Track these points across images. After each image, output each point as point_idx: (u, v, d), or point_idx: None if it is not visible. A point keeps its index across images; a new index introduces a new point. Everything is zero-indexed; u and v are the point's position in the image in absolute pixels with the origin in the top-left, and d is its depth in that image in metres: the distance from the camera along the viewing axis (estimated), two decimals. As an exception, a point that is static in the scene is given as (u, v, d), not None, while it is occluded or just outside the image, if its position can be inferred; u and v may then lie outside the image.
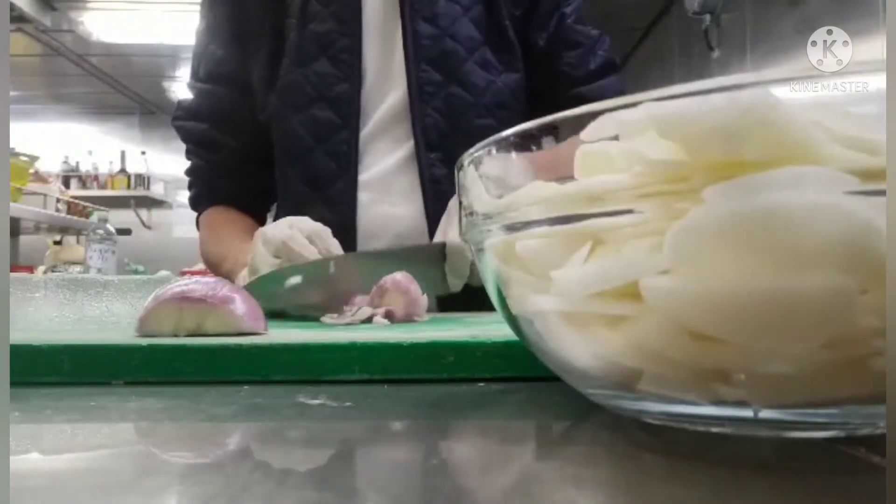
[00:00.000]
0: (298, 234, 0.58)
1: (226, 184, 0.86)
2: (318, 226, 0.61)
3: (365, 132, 0.76)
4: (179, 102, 0.88)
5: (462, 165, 0.26)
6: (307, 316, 0.53)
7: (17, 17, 2.39)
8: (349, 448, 0.23)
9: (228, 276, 0.71)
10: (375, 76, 0.77)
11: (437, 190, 0.75)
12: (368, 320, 0.49)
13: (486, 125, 0.76)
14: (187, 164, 0.88)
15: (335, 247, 0.60)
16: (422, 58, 0.75)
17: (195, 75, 0.86)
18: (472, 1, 0.78)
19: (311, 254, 0.57)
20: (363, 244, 0.76)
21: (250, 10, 0.80)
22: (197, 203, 0.88)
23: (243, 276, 0.64)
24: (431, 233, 0.74)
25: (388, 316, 0.49)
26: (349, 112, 0.76)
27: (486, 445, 0.24)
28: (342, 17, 0.76)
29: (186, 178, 0.89)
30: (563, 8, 0.82)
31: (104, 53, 3.11)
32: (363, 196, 0.76)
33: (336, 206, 0.75)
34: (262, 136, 0.82)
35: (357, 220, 0.76)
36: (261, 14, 0.80)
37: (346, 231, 0.73)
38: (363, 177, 0.76)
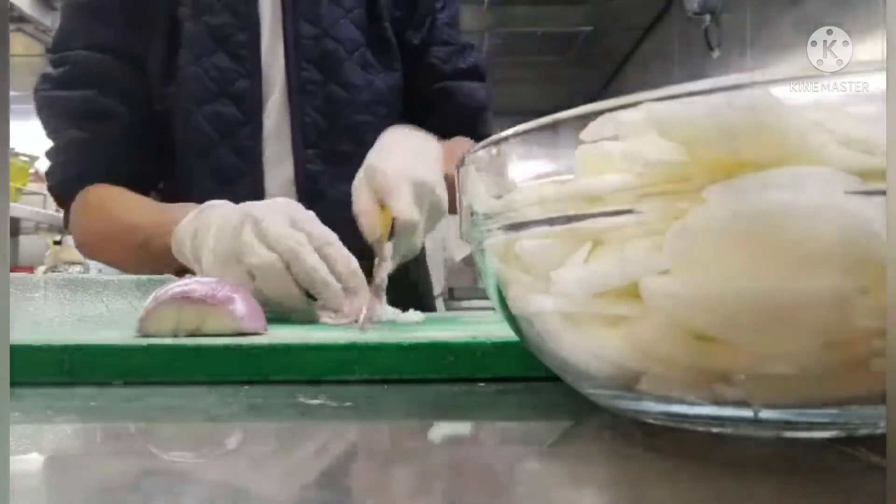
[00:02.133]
0: (307, 244, 0.52)
1: (112, 160, 0.76)
2: (327, 233, 0.55)
3: (268, 128, 0.77)
4: (43, 75, 0.77)
5: (462, 165, 0.26)
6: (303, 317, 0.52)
7: (17, 17, 2.39)
8: (349, 448, 0.23)
9: (145, 246, 0.65)
10: (269, 73, 0.77)
11: (312, 189, 0.76)
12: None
13: (365, 122, 0.78)
14: (51, 142, 0.77)
15: (344, 263, 0.53)
16: (302, 57, 0.77)
17: (66, 46, 0.76)
18: (354, 3, 0.80)
19: (322, 271, 0.51)
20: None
21: None
22: (70, 183, 0.76)
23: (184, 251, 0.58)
24: None
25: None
26: (251, 108, 0.76)
27: (486, 445, 0.24)
28: (236, 10, 0.76)
29: (48, 162, 0.78)
30: (438, 13, 0.86)
31: (104, 53, 3.10)
32: (271, 193, 0.76)
33: (244, 201, 0.75)
34: (152, 119, 0.77)
35: None
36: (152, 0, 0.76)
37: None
38: (270, 174, 0.77)
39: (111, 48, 0.76)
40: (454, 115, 0.82)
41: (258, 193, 0.75)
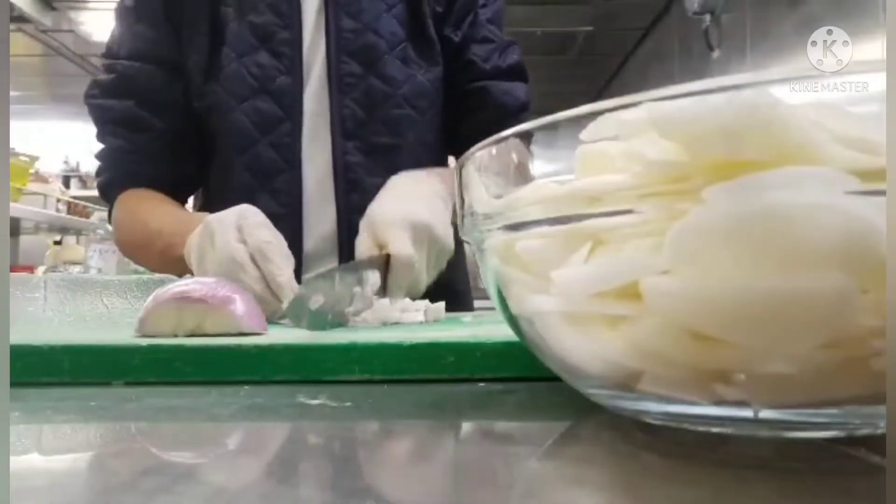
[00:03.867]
0: (246, 258, 0.54)
1: (148, 168, 0.80)
2: (264, 245, 0.55)
3: (306, 122, 0.78)
4: (95, 81, 0.81)
5: (462, 165, 0.26)
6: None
7: (17, 17, 2.39)
8: (349, 448, 0.23)
9: (165, 253, 0.67)
10: (309, 68, 0.79)
11: (350, 178, 0.78)
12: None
13: (404, 115, 0.79)
14: (100, 147, 0.81)
15: (280, 271, 0.54)
16: (343, 50, 0.78)
17: (114, 54, 0.80)
18: (395, 0, 0.81)
19: (252, 280, 0.53)
20: (308, 236, 0.77)
21: None
22: (110, 187, 0.81)
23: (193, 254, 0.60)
24: (339, 219, 0.76)
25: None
26: (291, 105, 0.77)
27: (487, 445, 0.24)
28: (280, 10, 0.78)
29: (97, 163, 0.82)
30: (479, 9, 0.86)
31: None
32: (308, 187, 0.77)
33: (282, 197, 0.76)
34: (191, 122, 0.80)
35: (303, 213, 0.77)
36: (196, 0, 0.79)
37: (292, 223, 0.75)
38: (308, 168, 0.78)
39: (151, 55, 0.79)
40: (492, 115, 0.82)
41: (296, 188, 0.77)
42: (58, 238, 2.93)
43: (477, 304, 0.93)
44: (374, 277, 0.54)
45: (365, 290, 0.52)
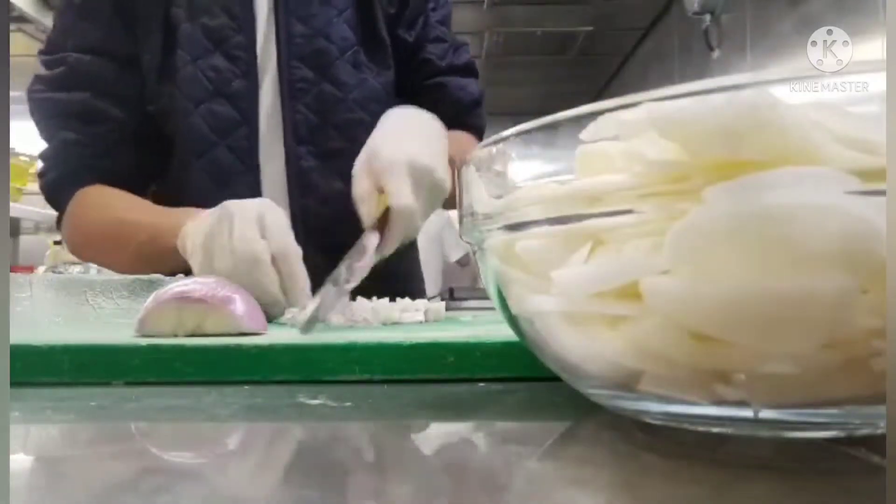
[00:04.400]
0: (266, 256, 0.53)
1: (106, 162, 0.76)
2: (287, 245, 0.54)
3: (262, 127, 0.78)
4: (37, 76, 0.78)
5: (463, 165, 0.26)
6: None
7: (17, 17, 2.39)
8: (349, 448, 0.23)
9: (149, 245, 0.65)
10: (262, 72, 0.78)
11: (304, 183, 0.78)
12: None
13: (357, 119, 0.79)
14: (45, 143, 0.77)
15: (301, 276, 0.53)
16: (294, 55, 0.78)
17: (60, 48, 0.77)
18: (345, 4, 0.81)
19: (273, 289, 0.52)
20: None
21: None
22: (61, 185, 0.76)
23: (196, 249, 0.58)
24: (294, 223, 0.74)
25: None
26: (248, 108, 0.77)
27: (487, 445, 0.24)
28: (233, 13, 0.77)
29: (41, 162, 0.77)
30: (430, 12, 0.87)
31: (104, 53, 3.10)
32: (265, 190, 0.77)
33: (240, 199, 0.75)
34: (146, 118, 0.77)
35: None
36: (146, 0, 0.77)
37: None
38: (265, 171, 0.77)
39: (104, 49, 0.76)
40: (448, 109, 0.82)
41: (254, 192, 0.76)
42: (58, 238, 2.92)
43: (476, 304, 0.93)
44: (368, 239, 0.53)
45: (357, 260, 0.50)
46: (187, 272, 0.59)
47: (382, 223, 0.56)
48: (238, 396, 0.29)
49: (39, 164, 0.79)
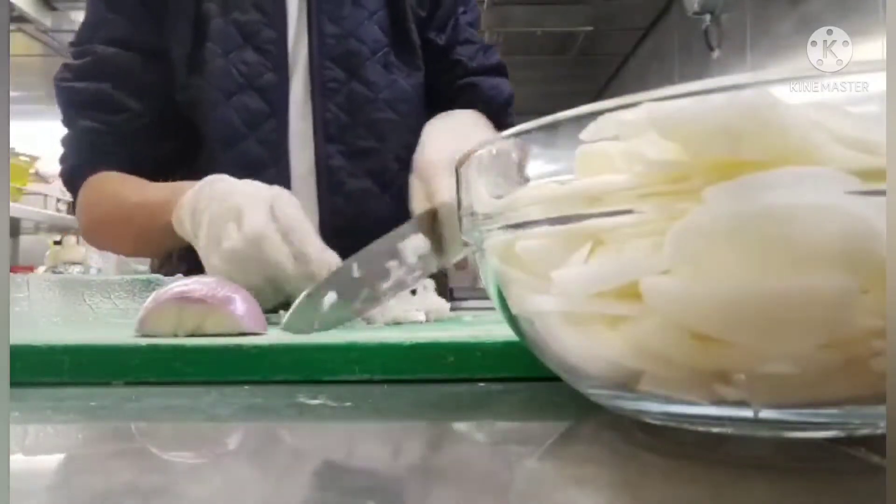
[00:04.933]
0: (275, 235, 0.52)
1: (122, 150, 0.77)
2: (300, 220, 0.53)
3: (293, 123, 0.79)
4: (65, 65, 0.79)
5: (463, 165, 0.26)
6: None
7: (17, 17, 2.39)
8: (349, 448, 0.23)
9: (149, 223, 0.65)
10: (294, 69, 0.79)
11: (333, 181, 0.78)
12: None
13: (386, 119, 0.80)
14: (66, 130, 0.78)
15: (314, 247, 0.52)
16: (326, 55, 0.79)
17: (87, 40, 0.79)
18: (377, 6, 0.82)
19: (283, 255, 0.51)
20: None
21: None
22: (79, 172, 0.77)
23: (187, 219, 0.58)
24: (322, 222, 0.76)
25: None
26: (277, 101, 0.77)
27: (487, 445, 0.24)
28: (264, 9, 0.78)
29: (61, 150, 0.79)
30: (460, 15, 0.89)
31: (104, 53, 3.10)
32: (294, 185, 0.77)
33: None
34: (171, 107, 0.78)
35: None
36: None
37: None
38: (294, 165, 0.78)
39: (129, 42, 0.78)
40: (482, 109, 0.82)
41: (284, 184, 0.76)
42: (58, 238, 2.93)
43: (476, 304, 0.93)
44: (415, 242, 0.50)
45: (405, 259, 0.48)
46: (191, 252, 0.59)
47: (426, 224, 0.52)
48: (238, 396, 0.29)
49: (60, 150, 0.81)
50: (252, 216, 0.53)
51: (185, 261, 0.75)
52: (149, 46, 0.78)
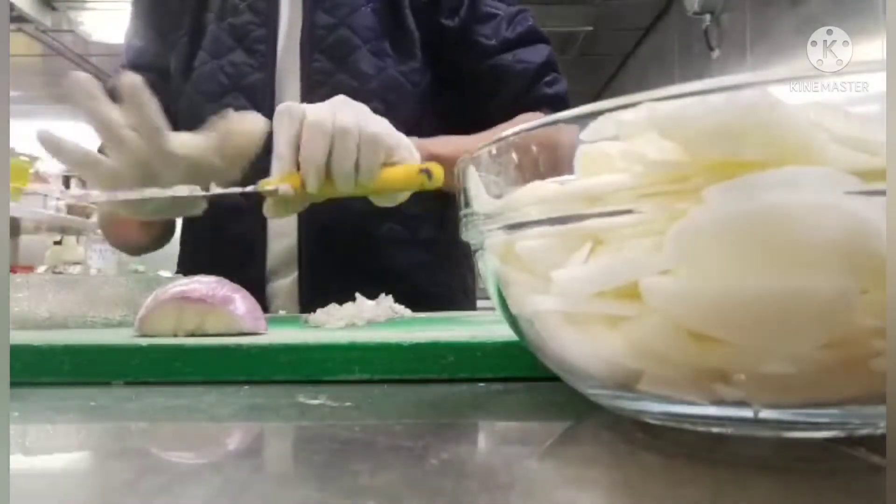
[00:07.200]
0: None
1: None
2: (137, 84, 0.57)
3: None
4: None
5: (462, 165, 0.26)
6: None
7: (17, 17, 2.39)
8: (349, 448, 0.23)
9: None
10: (284, 65, 0.79)
11: None
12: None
13: (372, 109, 0.77)
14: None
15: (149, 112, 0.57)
16: (315, 47, 0.78)
17: (122, 62, 0.86)
18: None
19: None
20: (273, 232, 0.77)
21: (170, 4, 0.82)
22: None
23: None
24: (303, 215, 0.76)
25: None
26: (262, 100, 0.77)
27: (487, 445, 0.24)
28: (258, 9, 0.79)
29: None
30: None
31: (104, 53, 3.10)
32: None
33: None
34: (173, 123, 0.81)
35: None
36: (180, 7, 0.82)
37: (260, 218, 0.73)
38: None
39: (147, 65, 0.81)
40: (514, 86, 0.80)
41: None
42: (58, 238, 2.93)
43: (477, 304, 0.92)
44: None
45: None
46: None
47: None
48: (238, 396, 0.29)
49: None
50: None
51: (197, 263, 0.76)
52: (157, 65, 0.81)
